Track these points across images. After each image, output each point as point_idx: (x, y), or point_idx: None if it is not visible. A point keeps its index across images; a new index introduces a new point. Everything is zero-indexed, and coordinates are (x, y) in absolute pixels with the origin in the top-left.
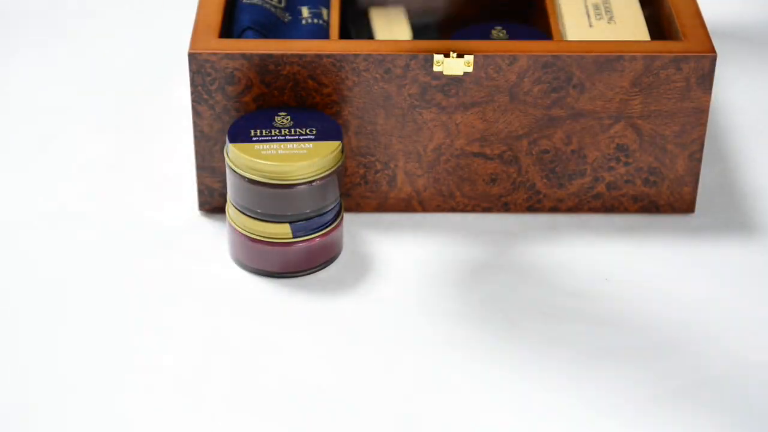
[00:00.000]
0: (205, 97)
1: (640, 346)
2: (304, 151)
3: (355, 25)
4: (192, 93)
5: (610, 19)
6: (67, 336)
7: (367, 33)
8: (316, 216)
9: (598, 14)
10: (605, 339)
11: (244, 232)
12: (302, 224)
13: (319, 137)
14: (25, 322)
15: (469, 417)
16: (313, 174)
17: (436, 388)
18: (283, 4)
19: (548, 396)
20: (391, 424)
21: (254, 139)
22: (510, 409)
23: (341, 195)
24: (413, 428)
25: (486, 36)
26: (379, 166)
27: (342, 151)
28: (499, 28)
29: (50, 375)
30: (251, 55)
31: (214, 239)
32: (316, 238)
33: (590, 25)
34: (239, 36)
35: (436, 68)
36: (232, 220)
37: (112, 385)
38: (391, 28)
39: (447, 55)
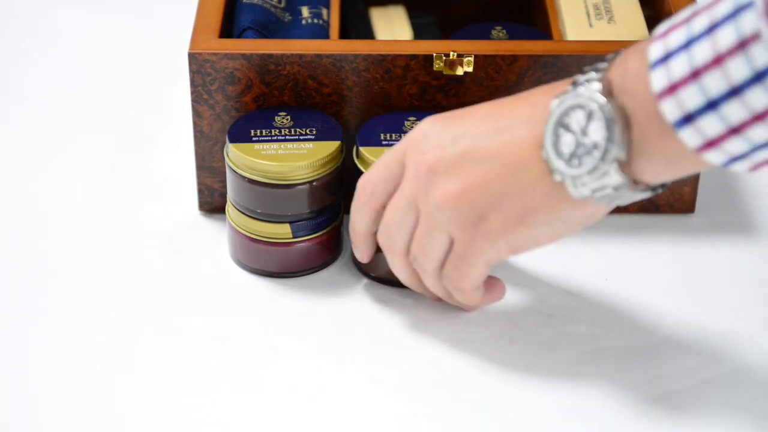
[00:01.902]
0: (205, 97)
1: (639, 347)
2: (304, 151)
3: (355, 25)
4: (192, 93)
5: (610, 19)
6: (67, 336)
7: (367, 33)
8: (316, 216)
9: (598, 14)
10: (605, 339)
11: (244, 232)
12: (302, 224)
13: (319, 137)
14: (23, 322)
15: (468, 417)
16: (313, 174)
17: (436, 388)
18: (283, 4)
19: (548, 396)
20: (391, 424)
21: (254, 139)
22: (510, 408)
23: (341, 195)
24: (413, 428)
25: (486, 36)
26: None
27: (342, 151)
28: (499, 28)
29: (49, 375)
30: (251, 55)
31: (214, 239)
32: (316, 238)
33: (590, 25)
34: (239, 36)
35: (436, 68)
36: (232, 220)
37: (111, 385)
38: (392, 27)
39: (447, 55)
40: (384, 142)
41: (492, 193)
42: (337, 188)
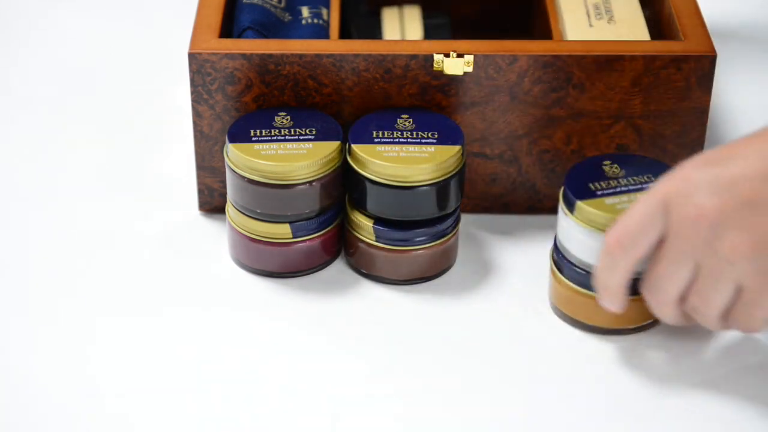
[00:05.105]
0: (205, 97)
1: (639, 347)
2: (304, 151)
3: (359, 27)
4: (192, 93)
5: (610, 19)
6: (67, 336)
7: (369, 36)
8: (316, 216)
9: (598, 14)
10: (605, 339)
11: (244, 232)
12: (302, 224)
13: (319, 137)
14: (22, 321)
15: (467, 417)
16: (313, 174)
17: (435, 388)
18: (283, 4)
19: (547, 396)
20: (391, 424)
21: (254, 139)
22: (509, 409)
23: (341, 195)
24: (412, 428)
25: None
26: None
27: (342, 151)
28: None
29: (48, 375)
30: (251, 55)
31: (214, 239)
32: (316, 238)
33: (590, 25)
34: (239, 36)
35: (435, 68)
36: (232, 220)
37: (111, 385)
38: (402, 28)
39: (447, 55)
40: (376, 140)
41: None
42: (337, 188)
